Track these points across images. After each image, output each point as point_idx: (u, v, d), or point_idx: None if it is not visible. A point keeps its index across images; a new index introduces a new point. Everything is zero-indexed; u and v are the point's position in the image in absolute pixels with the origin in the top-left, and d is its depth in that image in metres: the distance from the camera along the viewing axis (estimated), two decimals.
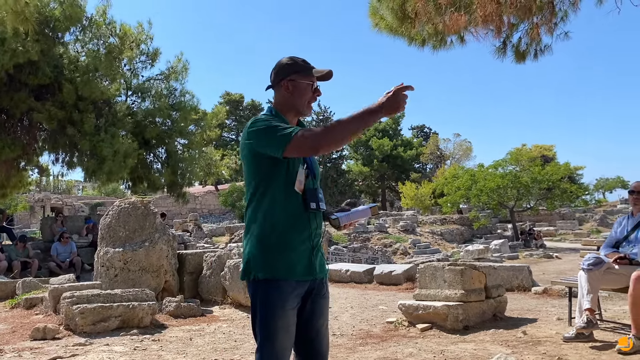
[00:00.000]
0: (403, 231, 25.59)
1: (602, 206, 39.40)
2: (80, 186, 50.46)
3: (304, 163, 2.16)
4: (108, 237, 7.12)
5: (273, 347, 2.07)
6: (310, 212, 2.14)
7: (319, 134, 1.98)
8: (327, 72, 2.20)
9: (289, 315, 2.09)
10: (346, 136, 1.98)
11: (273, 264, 2.08)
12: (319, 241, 2.21)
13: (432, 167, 49.89)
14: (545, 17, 5.66)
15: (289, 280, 2.08)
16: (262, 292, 2.09)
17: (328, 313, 2.31)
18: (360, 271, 9.59)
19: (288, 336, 2.09)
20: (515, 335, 4.79)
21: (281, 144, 1.99)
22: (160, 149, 15.31)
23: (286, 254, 2.09)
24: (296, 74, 2.17)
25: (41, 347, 4.79)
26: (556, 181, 26.24)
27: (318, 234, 2.19)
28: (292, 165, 2.10)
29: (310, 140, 1.97)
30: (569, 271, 11.04)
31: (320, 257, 2.22)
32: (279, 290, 2.07)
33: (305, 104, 2.20)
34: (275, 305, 2.06)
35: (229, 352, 4.64)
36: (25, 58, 11.36)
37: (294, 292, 2.10)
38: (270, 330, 2.07)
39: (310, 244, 2.14)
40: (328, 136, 1.98)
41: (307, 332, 2.19)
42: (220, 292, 7.04)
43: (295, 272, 2.10)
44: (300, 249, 2.11)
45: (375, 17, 6.19)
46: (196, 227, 23.45)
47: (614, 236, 4.93)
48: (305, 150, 2.01)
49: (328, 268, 2.36)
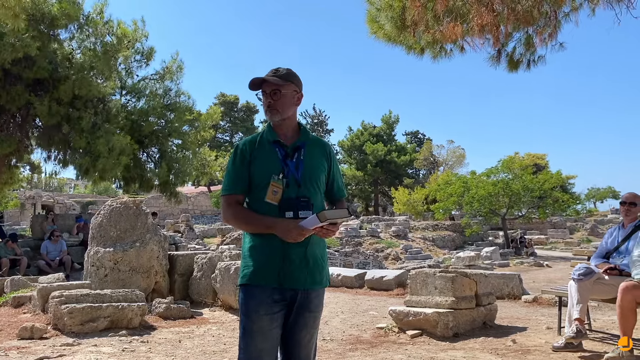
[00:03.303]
0: (395, 236, 25.63)
1: (593, 216, 39.69)
2: (72, 184, 50.17)
3: (280, 172, 2.22)
4: (99, 236, 7.08)
5: (247, 349, 2.19)
6: None
7: (228, 217, 2.31)
8: (250, 82, 2.31)
9: (264, 320, 2.18)
10: (241, 228, 2.35)
11: (247, 271, 2.23)
12: (304, 251, 2.21)
13: (425, 173, 50.06)
14: (540, 27, 5.68)
15: (262, 286, 2.19)
16: (241, 298, 2.25)
17: (316, 326, 2.33)
18: (352, 276, 9.58)
19: (264, 339, 2.18)
20: (505, 344, 4.80)
21: (222, 190, 2.33)
22: (154, 149, 15.26)
23: (258, 261, 2.21)
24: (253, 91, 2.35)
25: (28, 347, 4.75)
26: (548, 190, 26.41)
27: (300, 243, 2.16)
28: (259, 177, 2.23)
29: (223, 212, 2.33)
30: (559, 280, 11.11)
31: (311, 268, 2.23)
32: (253, 295, 2.20)
33: (266, 111, 2.33)
34: (250, 310, 2.19)
35: (217, 355, 4.62)
36: (23, 53, 11.29)
37: (270, 298, 2.18)
38: (245, 332, 2.20)
39: (281, 253, 2.18)
40: (231, 221, 2.34)
41: (287, 341, 2.27)
42: (211, 294, 7.01)
43: (265, 279, 2.19)
44: (270, 257, 2.19)
45: (373, 25, 6.19)
46: (188, 228, 23.38)
47: (604, 246, 4.96)
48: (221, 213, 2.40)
49: (328, 282, 2.36)
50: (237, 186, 2.26)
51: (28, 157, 15.40)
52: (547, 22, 5.54)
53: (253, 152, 2.26)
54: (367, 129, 50.49)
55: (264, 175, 2.21)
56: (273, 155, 2.25)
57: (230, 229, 23.45)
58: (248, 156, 2.25)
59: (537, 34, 5.90)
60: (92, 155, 12.62)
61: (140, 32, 14.39)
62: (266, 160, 2.23)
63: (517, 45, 6.37)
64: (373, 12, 6.27)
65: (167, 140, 15.01)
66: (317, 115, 59.15)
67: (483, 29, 5.16)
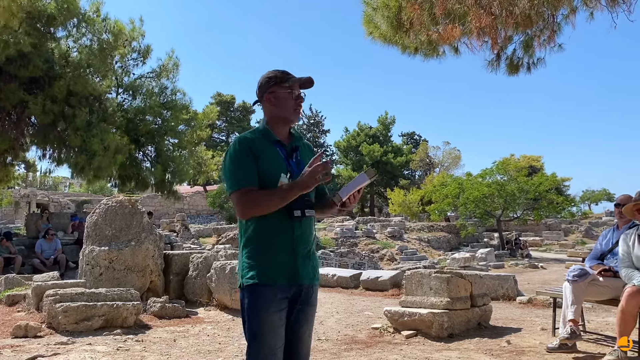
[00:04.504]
0: (390, 237, 25.65)
1: (588, 218, 39.84)
2: (67, 183, 49.97)
3: (287, 172, 2.22)
4: (94, 235, 7.06)
5: (261, 348, 2.15)
6: (295, 219, 2.20)
7: (247, 206, 2.16)
8: (307, 79, 2.28)
9: (274, 318, 2.16)
10: (270, 209, 2.15)
11: (255, 270, 2.17)
12: (307, 248, 2.25)
13: (421, 174, 50.12)
14: (539, 30, 5.71)
15: (271, 285, 2.16)
16: (247, 298, 2.19)
17: (313, 320, 2.36)
18: (347, 276, 9.59)
19: (275, 336, 2.17)
20: (500, 345, 4.81)
21: (230, 188, 2.19)
22: (150, 148, 15.23)
23: (266, 260, 2.17)
24: (276, 85, 2.27)
25: (22, 345, 4.73)
26: (543, 192, 26.49)
27: (305, 240, 2.24)
28: (269, 176, 2.18)
29: (241, 207, 2.17)
30: (554, 281, 11.14)
31: (311, 264, 2.27)
32: (262, 295, 2.15)
33: (291, 111, 2.28)
34: (260, 309, 2.15)
35: (212, 354, 4.61)
36: (16, 50, 11.24)
37: (278, 296, 2.17)
38: (257, 333, 2.15)
39: (291, 250, 2.19)
40: (255, 209, 2.16)
41: (289, 337, 2.25)
42: (206, 293, 7.00)
43: (276, 278, 2.17)
44: (280, 255, 2.18)
45: (369, 26, 6.21)
46: (183, 227, 23.33)
47: (599, 248, 4.98)
48: (236, 210, 2.21)
49: (319, 276, 2.39)
50: (252, 179, 2.16)
51: (23, 155, 15.34)
52: (546, 24, 5.57)
53: (258, 149, 2.20)
54: (364, 129, 50.54)
55: (272, 173, 2.19)
56: (277, 154, 2.24)
57: (226, 229, 23.40)
58: (255, 152, 2.19)
59: (536, 37, 5.93)
60: (87, 153, 12.59)
61: (138, 31, 14.37)
62: (273, 159, 2.22)
63: (516, 48, 6.41)
64: (369, 13, 6.29)
65: (163, 139, 14.99)
66: (313, 116, 59.13)
67: (481, 32, 5.18)
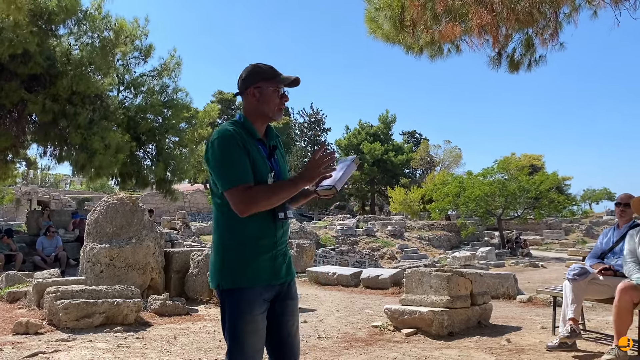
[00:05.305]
0: (391, 236, 25.66)
1: (589, 217, 39.81)
2: (68, 180, 50.00)
3: (272, 171, 2.18)
4: (95, 232, 7.07)
5: (243, 351, 2.11)
6: (278, 221, 2.18)
7: (249, 203, 2.05)
8: (294, 79, 2.22)
9: (258, 320, 2.13)
10: (274, 205, 2.10)
11: (237, 273, 2.12)
12: (284, 248, 2.26)
13: (421, 172, 50.12)
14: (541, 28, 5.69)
15: (255, 287, 2.12)
16: (229, 301, 2.14)
17: (298, 314, 2.34)
18: (348, 274, 9.60)
19: (257, 339, 2.14)
20: (500, 343, 4.82)
21: (227, 184, 2.07)
22: (151, 146, 15.23)
23: (250, 263, 2.12)
24: (263, 81, 2.19)
25: (23, 342, 4.74)
26: (544, 191, 26.47)
27: (283, 241, 2.24)
28: (258, 174, 2.11)
29: (242, 205, 2.05)
30: (554, 280, 11.15)
31: (288, 261, 2.26)
32: (245, 298, 2.11)
33: (275, 110, 2.22)
34: (244, 312, 2.10)
35: (213, 352, 4.62)
36: (22, 48, 11.23)
37: (261, 297, 2.14)
38: (239, 335, 2.11)
39: (274, 252, 2.18)
40: (257, 205, 2.06)
41: (279, 334, 2.24)
42: (207, 291, 7.01)
43: (260, 280, 2.13)
44: (265, 257, 2.15)
45: (371, 24, 6.20)
46: (184, 225, 23.35)
47: (599, 247, 4.98)
48: (235, 207, 2.07)
49: (295, 271, 2.39)
50: (249, 175, 2.08)
51: (24, 152, 15.34)
52: (548, 22, 5.56)
53: (246, 145, 2.13)
54: (364, 128, 50.53)
55: (260, 172, 2.13)
56: (260, 153, 2.18)
57: None
58: (247, 147, 2.12)
59: (537, 35, 5.92)
60: (88, 151, 12.59)
61: (141, 31, 14.35)
62: (258, 157, 2.15)
63: (517, 46, 6.39)
64: (372, 12, 6.29)
65: (164, 137, 14.98)
66: (314, 114, 59.05)
67: (482, 29, 5.17)
